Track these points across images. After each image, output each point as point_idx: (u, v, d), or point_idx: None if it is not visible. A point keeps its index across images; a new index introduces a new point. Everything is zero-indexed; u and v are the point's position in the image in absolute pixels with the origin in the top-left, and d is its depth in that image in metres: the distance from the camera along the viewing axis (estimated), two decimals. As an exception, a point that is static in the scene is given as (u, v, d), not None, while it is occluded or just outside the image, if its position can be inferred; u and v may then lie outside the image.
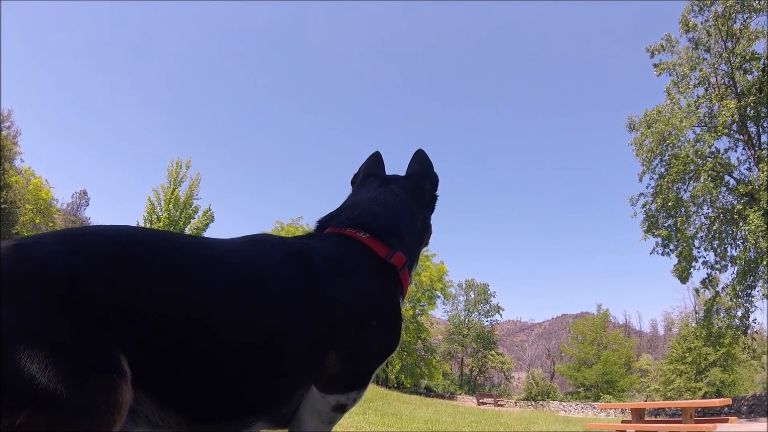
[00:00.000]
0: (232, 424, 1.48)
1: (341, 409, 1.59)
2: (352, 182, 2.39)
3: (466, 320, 70.18)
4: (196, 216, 39.99)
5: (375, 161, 2.42)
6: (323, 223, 2.00)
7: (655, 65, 26.20)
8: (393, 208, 2.05)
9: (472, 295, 71.76)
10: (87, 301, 1.19)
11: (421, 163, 2.34)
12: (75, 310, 1.16)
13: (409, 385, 48.90)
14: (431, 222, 2.32)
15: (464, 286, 72.11)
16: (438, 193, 2.33)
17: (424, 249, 2.35)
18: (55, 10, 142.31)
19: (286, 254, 1.64)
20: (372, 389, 32.75)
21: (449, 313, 70.95)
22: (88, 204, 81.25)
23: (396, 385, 45.43)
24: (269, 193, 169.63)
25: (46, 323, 1.11)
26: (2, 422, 1.01)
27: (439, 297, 53.55)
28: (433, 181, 2.30)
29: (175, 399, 1.32)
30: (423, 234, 2.23)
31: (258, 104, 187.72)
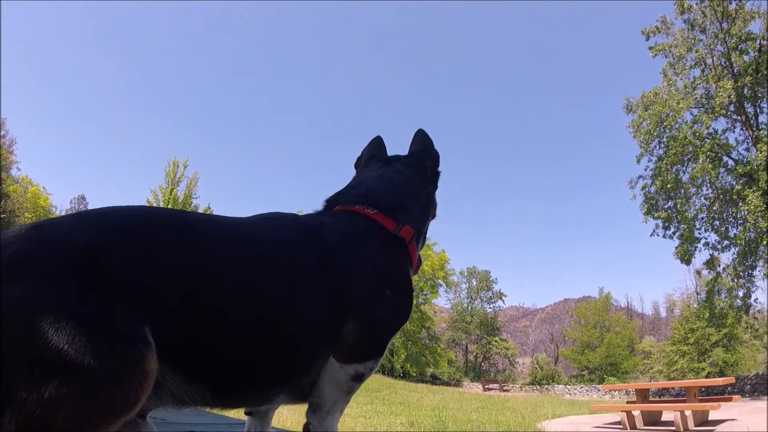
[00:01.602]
0: (255, 397, 1.53)
1: (359, 378, 1.63)
2: (356, 165, 2.44)
3: (469, 307, 70.31)
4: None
5: (377, 145, 2.47)
6: (331, 201, 2.04)
7: (651, 47, 25.99)
8: (397, 184, 2.10)
9: (474, 283, 71.93)
10: (109, 276, 1.20)
11: (421, 141, 2.39)
12: (98, 284, 1.18)
13: (414, 374, 49.05)
14: (436, 197, 2.36)
15: (466, 274, 72.33)
16: (440, 169, 2.37)
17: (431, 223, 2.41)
18: (44, 13, 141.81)
19: (299, 229, 1.68)
20: (378, 379, 32.88)
21: (452, 301, 71.23)
22: (86, 209, 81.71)
23: (402, 375, 45.56)
24: (268, 189, 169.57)
25: (71, 298, 1.12)
26: (32, 394, 1.01)
27: (441, 285, 53.81)
28: (434, 157, 2.35)
29: (198, 372, 1.34)
30: (428, 209, 2.27)
31: (253, 100, 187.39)
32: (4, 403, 1.00)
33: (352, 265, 1.65)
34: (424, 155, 2.33)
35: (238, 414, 1.80)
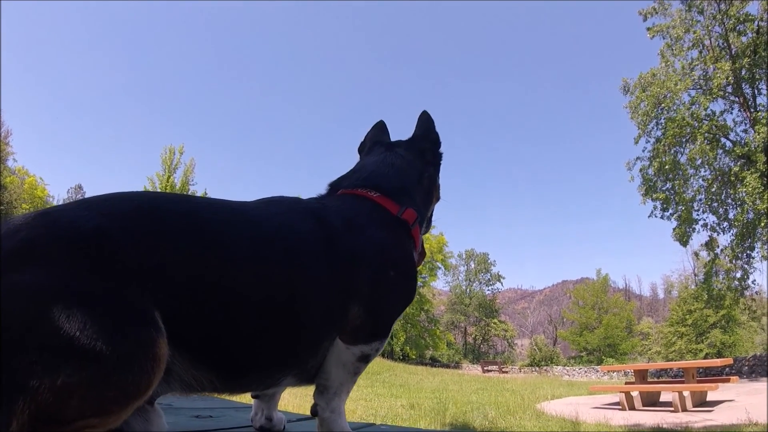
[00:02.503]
0: (262, 380, 1.53)
1: (365, 359, 1.64)
2: (360, 150, 2.43)
3: (468, 290, 70.58)
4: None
5: (380, 129, 2.47)
6: (334, 185, 2.03)
7: (648, 28, 25.81)
8: (400, 168, 2.10)
9: (473, 265, 72.10)
10: (119, 260, 1.19)
11: (423, 123, 2.39)
12: (108, 269, 1.17)
13: (414, 357, 49.36)
14: (438, 180, 2.36)
15: (464, 257, 72.49)
16: (442, 150, 2.37)
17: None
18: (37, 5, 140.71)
19: (304, 213, 1.67)
20: (378, 362, 33.06)
21: (450, 284, 71.42)
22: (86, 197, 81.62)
23: (402, 357, 45.89)
24: (265, 174, 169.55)
25: (81, 283, 1.11)
26: (44, 382, 1.00)
27: (440, 268, 54.09)
28: (434, 139, 2.35)
29: (206, 356, 1.33)
30: (431, 192, 2.28)
31: (249, 85, 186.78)
32: (17, 391, 1.00)
33: (357, 248, 1.65)
34: (424, 138, 2.33)
35: (243, 398, 1.82)
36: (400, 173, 2.07)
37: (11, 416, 0.99)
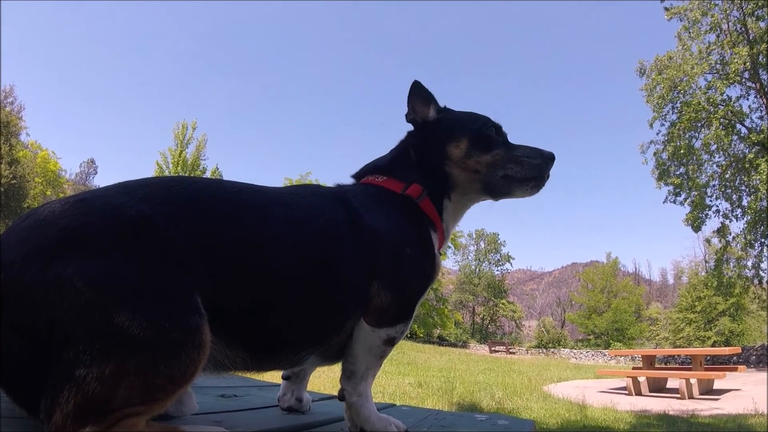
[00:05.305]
0: (289, 359, 1.57)
1: (391, 342, 1.66)
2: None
3: (477, 270, 70.76)
4: (204, 176, 39.56)
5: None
6: (352, 177, 2.07)
7: (666, 9, 25.62)
8: (393, 150, 2.09)
9: (483, 245, 72.16)
10: (162, 247, 1.20)
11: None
12: (153, 256, 1.18)
13: (422, 335, 49.59)
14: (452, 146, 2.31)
15: (474, 236, 72.46)
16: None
17: None
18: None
19: (330, 196, 1.74)
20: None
21: (460, 263, 71.69)
22: (96, 172, 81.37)
23: (409, 336, 45.97)
24: (275, 151, 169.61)
25: (127, 271, 1.12)
26: (92, 371, 1.01)
27: (449, 247, 53.98)
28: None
29: (241, 336, 1.37)
30: (431, 162, 2.08)
31: (262, 61, 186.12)
32: (63, 381, 1.02)
33: (374, 228, 1.68)
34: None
35: (264, 377, 1.86)
36: (392, 154, 2.07)
37: (54, 406, 1.02)
